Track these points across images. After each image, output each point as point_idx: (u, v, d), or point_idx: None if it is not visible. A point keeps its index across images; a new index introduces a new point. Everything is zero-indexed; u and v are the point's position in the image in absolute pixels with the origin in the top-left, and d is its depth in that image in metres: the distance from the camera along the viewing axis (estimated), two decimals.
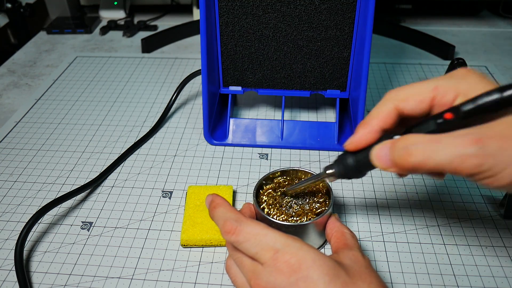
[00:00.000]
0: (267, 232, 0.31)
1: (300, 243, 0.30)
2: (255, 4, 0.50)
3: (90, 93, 0.66)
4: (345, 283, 0.29)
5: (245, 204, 0.41)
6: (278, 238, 0.31)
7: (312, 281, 0.29)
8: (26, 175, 0.51)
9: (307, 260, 0.29)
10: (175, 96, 0.61)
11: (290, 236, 0.31)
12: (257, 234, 0.31)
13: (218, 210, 0.34)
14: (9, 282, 0.39)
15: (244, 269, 0.32)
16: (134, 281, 0.39)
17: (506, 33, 0.84)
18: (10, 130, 0.58)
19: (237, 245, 0.31)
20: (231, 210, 0.33)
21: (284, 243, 0.30)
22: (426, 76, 0.69)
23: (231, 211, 0.33)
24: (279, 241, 0.30)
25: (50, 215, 0.45)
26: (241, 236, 0.31)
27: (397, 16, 0.90)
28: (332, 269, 0.29)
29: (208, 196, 0.36)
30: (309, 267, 0.29)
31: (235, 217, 0.32)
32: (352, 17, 0.49)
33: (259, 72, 0.54)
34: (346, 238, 0.36)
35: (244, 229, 0.31)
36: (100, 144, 0.56)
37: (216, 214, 0.34)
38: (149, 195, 0.48)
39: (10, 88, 0.69)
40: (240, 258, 0.32)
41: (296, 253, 0.30)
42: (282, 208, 0.41)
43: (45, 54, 0.79)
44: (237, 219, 0.32)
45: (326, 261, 0.30)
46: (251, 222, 0.32)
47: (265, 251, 0.30)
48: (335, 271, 0.30)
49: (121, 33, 0.86)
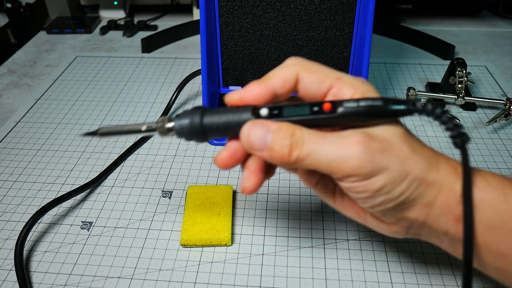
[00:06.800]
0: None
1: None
2: (255, 4, 0.50)
3: (90, 93, 0.66)
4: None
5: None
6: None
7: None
8: (26, 175, 0.51)
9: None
10: (175, 96, 0.61)
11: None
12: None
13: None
14: (9, 282, 0.39)
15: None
16: (134, 281, 0.39)
17: (506, 33, 0.84)
18: (10, 130, 0.58)
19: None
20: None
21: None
22: (426, 76, 0.69)
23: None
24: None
25: (50, 215, 0.45)
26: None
27: (397, 16, 0.90)
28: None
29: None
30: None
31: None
32: (352, 17, 0.49)
33: (259, 72, 0.54)
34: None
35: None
36: (100, 144, 0.56)
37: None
38: (149, 195, 0.48)
39: (10, 88, 0.69)
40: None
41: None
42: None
43: (45, 54, 0.79)
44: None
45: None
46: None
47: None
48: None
49: (121, 33, 0.86)
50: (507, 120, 0.57)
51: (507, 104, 0.57)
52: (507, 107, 0.57)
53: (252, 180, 0.29)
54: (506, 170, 0.50)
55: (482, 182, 0.28)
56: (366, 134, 0.27)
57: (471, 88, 0.65)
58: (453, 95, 0.59)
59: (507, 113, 0.56)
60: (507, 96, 0.64)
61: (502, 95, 0.64)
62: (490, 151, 0.53)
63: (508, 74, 0.70)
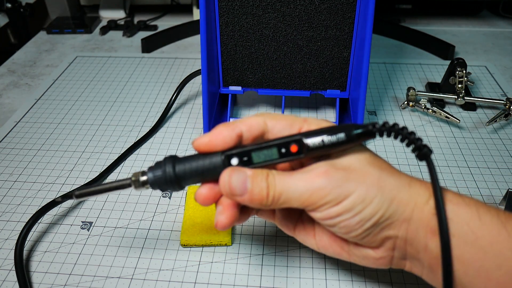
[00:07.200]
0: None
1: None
2: (255, 4, 0.50)
3: (90, 93, 0.66)
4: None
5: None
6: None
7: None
8: (26, 175, 0.51)
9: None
10: (175, 96, 0.61)
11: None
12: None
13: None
14: (9, 282, 0.39)
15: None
16: (134, 281, 0.39)
17: (506, 33, 0.84)
18: (10, 130, 0.58)
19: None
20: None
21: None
22: (426, 76, 0.69)
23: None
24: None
25: (50, 215, 0.45)
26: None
27: (397, 16, 0.90)
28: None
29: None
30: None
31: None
32: (352, 17, 0.49)
33: (259, 72, 0.54)
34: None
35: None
36: (100, 144, 0.56)
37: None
38: (149, 195, 0.48)
39: (10, 88, 0.69)
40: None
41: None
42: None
43: (45, 54, 0.79)
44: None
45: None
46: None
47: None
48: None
49: (121, 33, 0.86)
50: (507, 120, 0.57)
51: (507, 104, 0.57)
52: (507, 107, 0.57)
53: (226, 215, 0.31)
54: (506, 170, 0.50)
55: (457, 198, 0.29)
56: (330, 164, 0.29)
57: (471, 88, 0.65)
58: (453, 95, 0.59)
59: (507, 113, 0.56)
60: (507, 96, 0.64)
61: (502, 95, 0.64)
62: (490, 151, 0.53)
63: (508, 74, 0.70)
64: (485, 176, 0.49)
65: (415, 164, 0.51)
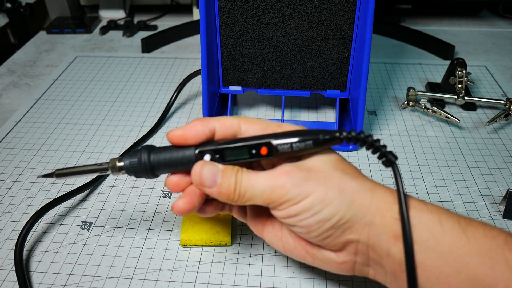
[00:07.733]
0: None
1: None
2: (255, 4, 0.50)
3: (90, 93, 0.66)
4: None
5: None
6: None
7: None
8: (26, 175, 0.51)
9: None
10: (175, 96, 0.61)
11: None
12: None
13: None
14: (9, 282, 0.39)
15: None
16: (134, 281, 0.39)
17: (506, 33, 0.84)
18: (10, 130, 0.58)
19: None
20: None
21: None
22: (426, 76, 0.69)
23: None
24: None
25: (50, 215, 0.45)
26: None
27: (397, 16, 0.90)
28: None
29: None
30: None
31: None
32: (352, 17, 0.49)
33: (259, 72, 0.54)
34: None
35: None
36: (100, 144, 0.56)
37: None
38: (149, 195, 0.48)
39: (10, 88, 0.69)
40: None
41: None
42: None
43: (45, 54, 0.79)
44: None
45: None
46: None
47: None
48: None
49: (121, 33, 0.86)
50: (507, 120, 0.57)
51: (507, 104, 0.57)
52: (507, 107, 0.57)
53: (185, 200, 0.32)
54: (506, 170, 0.50)
55: (420, 205, 0.29)
56: (294, 165, 0.30)
57: (471, 88, 0.65)
58: (453, 95, 0.60)
59: (507, 113, 0.56)
60: (507, 96, 0.64)
61: (502, 95, 0.64)
62: (490, 151, 0.53)
63: (508, 74, 0.70)
64: (485, 176, 0.49)
65: (418, 171, 0.51)
